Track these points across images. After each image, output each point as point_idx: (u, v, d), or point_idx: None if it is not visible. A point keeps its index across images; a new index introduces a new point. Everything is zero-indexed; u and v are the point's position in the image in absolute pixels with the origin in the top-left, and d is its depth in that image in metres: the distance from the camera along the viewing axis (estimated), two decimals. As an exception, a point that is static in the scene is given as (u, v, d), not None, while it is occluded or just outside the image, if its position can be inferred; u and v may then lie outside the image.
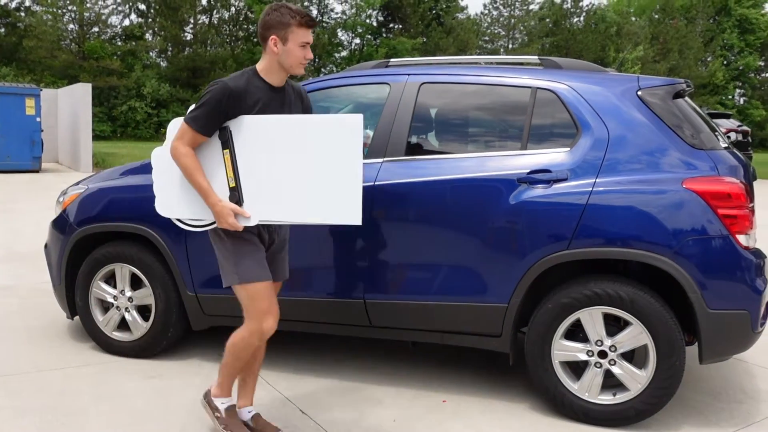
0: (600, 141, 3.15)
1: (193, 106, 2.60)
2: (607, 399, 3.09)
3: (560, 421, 3.13)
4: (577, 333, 3.13)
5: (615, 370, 3.06)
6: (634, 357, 3.10)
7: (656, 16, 46.94)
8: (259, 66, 2.69)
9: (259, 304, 2.63)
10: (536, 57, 3.66)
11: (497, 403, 3.34)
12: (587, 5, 45.29)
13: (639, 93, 3.22)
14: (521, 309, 3.20)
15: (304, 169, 2.55)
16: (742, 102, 48.75)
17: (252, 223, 2.57)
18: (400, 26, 39.92)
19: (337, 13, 40.67)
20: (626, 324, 3.04)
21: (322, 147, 2.54)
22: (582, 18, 44.38)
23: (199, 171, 2.56)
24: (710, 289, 2.94)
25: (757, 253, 3.08)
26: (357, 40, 41.28)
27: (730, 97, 47.75)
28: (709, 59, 46.08)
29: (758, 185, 3.56)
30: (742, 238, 2.97)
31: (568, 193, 3.09)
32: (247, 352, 2.72)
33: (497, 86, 3.45)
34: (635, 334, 3.02)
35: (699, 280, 2.93)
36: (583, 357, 3.10)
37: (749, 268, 2.99)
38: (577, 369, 3.16)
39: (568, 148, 3.18)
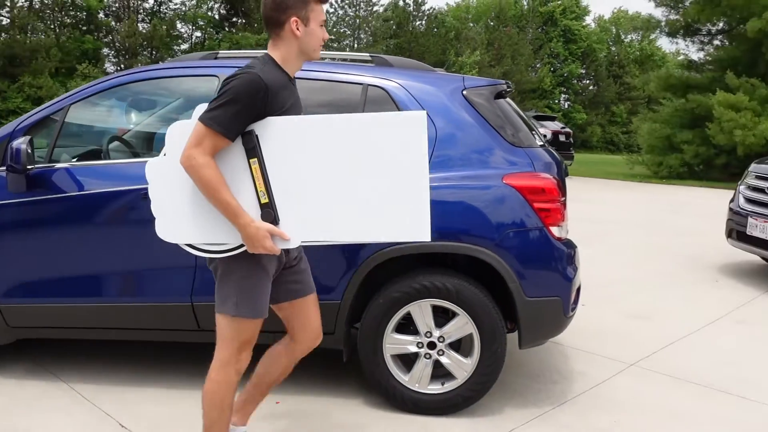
0: (429, 138, 3.21)
1: (208, 105, 2.10)
2: (436, 388, 3.18)
3: (392, 414, 3.17)
4: (407, 326, 3.19)
5: (443, 360, 3.16)
6: (460, 346, 3.22)
7: (491, 23, 49.99)
8: (275, 55, 2.24)
9: (245, 336, 2.27)
10: (368, 54, 3.68)
11: (332, 400, 3.32)
12: (428, 9, 46.91)
13: (464, 92, 3.34)
14: (354, 305, 3.20)
15: (355, 179, 2.17)
16: (566, 106, 53.33)
17: (293, 245, 2.18)
18: (244, 21, 38.93)
19: (176, 4, 38.72)
20: (453, 315, 3.15)
21: (378, 151, 2.16)
22: (424, 21, 46.05)
23: (224, 186, 2.09)
24: (527, 279, 3.12)
25: (569, 243, 3.32)
26: (198, 33, 39.74)
27: (556, 101, 52.04)
28: (538, 66, 49.92)
29: (573, 182, 3.86)
30: (555, 230, 3.19)
31: (397, 188, 3.13)
32: (231, 394, 2.29)
33: (329, 82, 3.42)
34: (461, 325, 3.13)
35: (517, 270, 3.10)
36: (414, 349, 3.17)
37: (561, 257, 3.21)
38: (407, 361, 3.22)
39: (398, 145, 3.22)
